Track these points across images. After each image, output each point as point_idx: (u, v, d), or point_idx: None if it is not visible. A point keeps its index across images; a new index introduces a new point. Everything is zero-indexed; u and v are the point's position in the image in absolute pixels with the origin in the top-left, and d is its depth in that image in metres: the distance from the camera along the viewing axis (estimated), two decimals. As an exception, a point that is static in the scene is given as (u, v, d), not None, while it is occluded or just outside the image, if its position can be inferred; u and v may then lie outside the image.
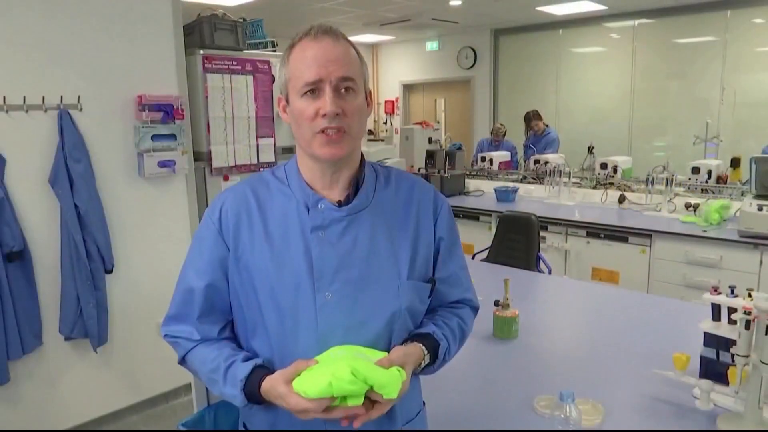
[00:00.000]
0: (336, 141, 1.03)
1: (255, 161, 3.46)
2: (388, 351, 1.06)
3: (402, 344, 1.07)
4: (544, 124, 5.91)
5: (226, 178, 3.36)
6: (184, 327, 1.11)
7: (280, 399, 0.96)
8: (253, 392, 1.01)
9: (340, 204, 1.08)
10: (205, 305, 1.10)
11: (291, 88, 1.05)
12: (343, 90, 1.02)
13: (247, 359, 1.05)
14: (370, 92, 1.11)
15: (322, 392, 0.93)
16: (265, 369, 1.03)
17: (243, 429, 1.16)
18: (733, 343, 1.35)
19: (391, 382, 0.97)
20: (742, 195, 3.86)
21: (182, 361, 1.15)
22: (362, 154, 1.14)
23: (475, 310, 1.27)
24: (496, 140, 6.22)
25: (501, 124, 6.45)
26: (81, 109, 2.73)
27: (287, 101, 1.07)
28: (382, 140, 8.51)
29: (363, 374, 0.94)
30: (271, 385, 0.98)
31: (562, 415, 1.23)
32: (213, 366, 1.06)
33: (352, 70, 1.04)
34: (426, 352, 1.08)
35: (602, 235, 4.02)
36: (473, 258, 3.55)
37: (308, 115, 1.02)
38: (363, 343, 1.05)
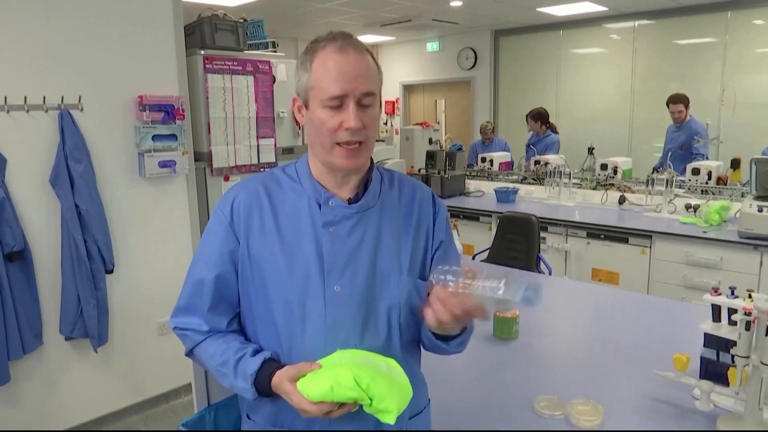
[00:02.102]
0: (355, 154, 1.07)
1: (255, 162, 3.46)
2: (391, 350, 1.10)
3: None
4: (546, 126, 5.89)
5: (226, 179, 3.36)
6: (193, 319, 1.13)
7: (286, 396, 1.00)
8: (263, 386, 1.04)
9: (350, 201, 1.12)
10: (215, 297, 1.12)
11: (313, 97, 1.06)
12: (364, 103, 1.05)
13: (256, 353, 1.08)
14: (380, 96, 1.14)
15: (324, 396, 0.95)
16: (275, 362, 1.07)
17: (247, 419, 1.18)
18: (734, 343, 1.36)
19: (393, 393, 0.97)
20: (742, 196, 3.87)
21: (190, 353, 1.17)
22: (371, 157, 1.17)
23: None
24: (486, 138, 6.23)
25: (488, 122, 6.48)
26: (82, 110, 2.73)
27: (305, 105, 1.09)
28: (383, 141, 8.48)
29: (366, 382, 0.96)
30: (279, 380, 1.02)
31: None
32: (222, 360, 1.09)
33: (373, 83, 1.07)
34: None
35: (602, 236, 4.02)
36: (473, 258, 3.55)
37: (330, 126, 1.05)
38: (368, 335, 1.08)
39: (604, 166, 4.70)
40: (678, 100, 4.79)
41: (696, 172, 4.16)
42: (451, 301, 0.96)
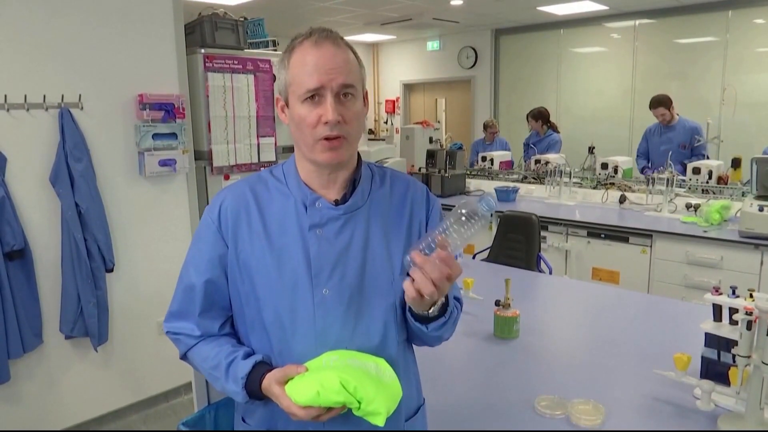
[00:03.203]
0: (336, 147, 1.05)
1: (256, 160, 3.46)
2: (386, 351, 1.09)
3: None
4: (548, 126, 5.88)
5: (226, 177, 3.36)
6: (185, 323, 1.14)
7: (276, 399, 1.01)
8: (254, 389, 1.04)
9: (337, 203, 1.11)
10: (206, 302, 1.12)
11: (291, 93, 1.06)
12: (342, 96, 1.04)
13: (247, 356, 1.08)
14: (367, 93, 1.13)
15: (311, 401, 0.95)
16: (266, 365, 1.07)
17: (242, 422, 1.18)
18: (735, 343, 1.35)
19: (381, 395, 0.97)
20: (742, 195, 3.86)
21: (183, 357, 1.17)
22: (359, 155, 1.16)
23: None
24: (492, 133, 6.22)
25: (491, 119, 6.48)
26: (82, 108, 2.73)
27: (287, 104, 1.09)
28: (383, 140, 8.50)
29: (353, 385, 0.95)
30: (268, 383, 1.02)
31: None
32: (214, 363, 1.09)
33: (352, 76, 1.05)
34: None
35: (603, 235, 4.02)
36: (474, 258, 3.54)
37: (310, 121, 1.04)
38: (359, 338, 1.07)
39: (604, 166, 4.70)
40: (658, 104, 4.72)
41: (697, 171, 4.16)
42: (429, 266, 0.93)
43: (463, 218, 0.93)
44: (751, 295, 1.36)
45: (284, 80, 1.07)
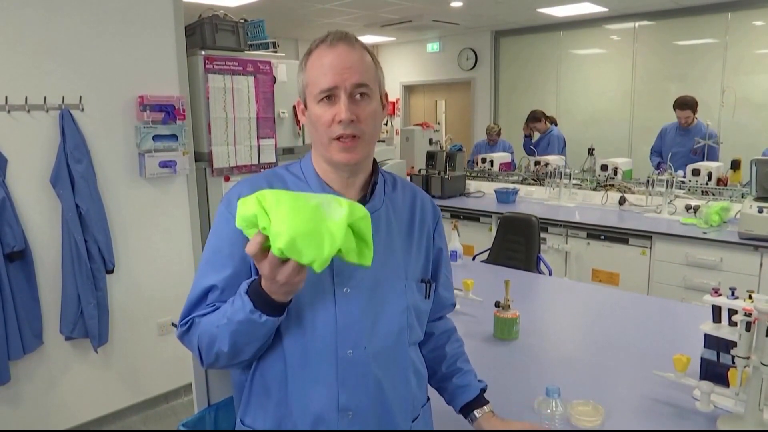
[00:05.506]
0: (351, 147, 1.06)
1: (256, 162, 3.47)
2: (399, 350, 1.12)
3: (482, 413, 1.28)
4: (547, 123, 5.88)
5: (227, 179, 3.37)
6: (198, 312, 1.07)
7: (264, 269, 0.91)
8: (258, 294, 0.95)
9: None
10: (223, 296, 1.06)
11: (308, 94, 1.08)
12: (357, 96, 1.05)
13: None
14: (386, 94, 1.15)
15: (238, 223, 0.89)
16: None
17: (241, 424, 1.15)
18: (734, 344, 1.36)
19: (293, 218, 0.85)
20: (742, 197, 3.86)
21: (199, 354, 1.07)
22: (374, 159, 1.18)
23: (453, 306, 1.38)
24: (491, 140, 6.24)
25: (495, 124, 6.48)
26: (82, 110, 2.73)
27: (305, 105, 1.11)
28: (383, 141, 8.50)
29: (269, 201, 0.87)
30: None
31: (548, 410, 1.24)
32: (221, 314, 1.01)
33: (367, 76, 1.06)
34: (489, 407, 1.31)
35: (602, 237, 4.02)
36: (473, 259, 3.55)
37: (325, 121, 1.05)
38: (377, 338, 1.08)
39: (604, 167, 4.70)
40: (687, 105, 4.68)
41: (696, 173, 4.16)
42: None
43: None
44: (750, 297, 1.36)
45: (302, 82, 1.09)
